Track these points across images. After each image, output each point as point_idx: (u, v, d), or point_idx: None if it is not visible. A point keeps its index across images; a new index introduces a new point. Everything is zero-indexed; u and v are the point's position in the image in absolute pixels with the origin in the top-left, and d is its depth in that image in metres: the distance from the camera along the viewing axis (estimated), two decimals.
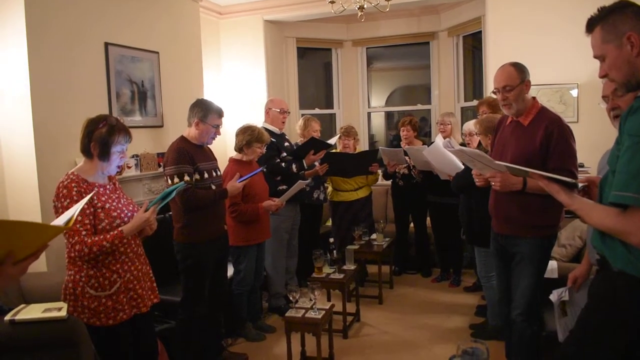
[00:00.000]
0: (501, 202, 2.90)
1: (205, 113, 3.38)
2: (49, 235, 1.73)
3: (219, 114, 3.46)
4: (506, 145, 2.91)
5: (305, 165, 4.58)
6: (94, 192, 2.41)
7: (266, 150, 4.34)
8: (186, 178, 3.26)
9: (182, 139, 3.44)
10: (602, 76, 1.77)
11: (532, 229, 2.81)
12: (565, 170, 2.58)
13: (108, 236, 2.37)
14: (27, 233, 1.57)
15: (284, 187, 4.42)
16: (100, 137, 2.44)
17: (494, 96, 3.00)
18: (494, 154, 2.99)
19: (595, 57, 1.77)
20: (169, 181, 3.29)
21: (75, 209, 2.00)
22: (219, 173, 3.60)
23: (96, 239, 2.35)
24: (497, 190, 2.81)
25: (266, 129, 4.57)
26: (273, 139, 4.54)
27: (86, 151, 2.48)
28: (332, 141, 4.92)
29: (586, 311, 1.92)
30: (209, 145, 3.58)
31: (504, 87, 2.81)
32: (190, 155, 3.34)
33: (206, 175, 3.42)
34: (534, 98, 2.90)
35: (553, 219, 2.83)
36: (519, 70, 2.84)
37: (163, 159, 3.56)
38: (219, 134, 3.51)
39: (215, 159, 3.64)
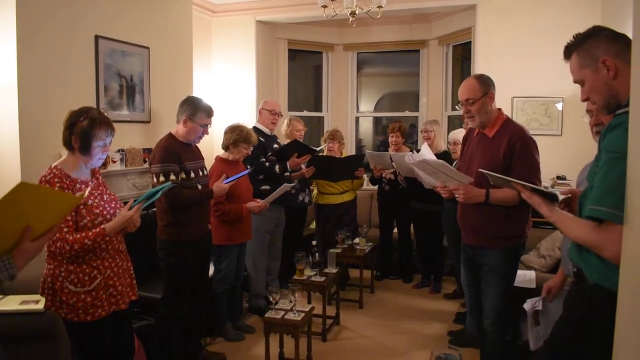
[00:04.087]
0: (467, 213, 2.93)
1: (194, 111, 3.36)
2: (68, 204, 1.74)
3: (208, 113, 3.43)
4: (472, 157, 2.93)
5: (288, 167, 4.58)
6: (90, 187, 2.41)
7: (253, 149, 4.35)
8: (172, 177, 3.25)
9: (170, 136, 3.43)
10: (583, 100, 1.82)
11: (497, 240, 2.83)
12: (528, 181, 2.60)
13: (90, 234, 2.33)
14: (47, 201, 1.57)
15: (267, 187, 4.43)
16: (81, 130, 2.39)
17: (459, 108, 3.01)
18: (461, 165, 3.02)
19: (575, 82, 1.82)
20: (155, 179, 3.27)
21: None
22: (205, 172, 3.59)
23: (78, 236, 2.31)
24: (461, 201, 2.82)
25: (258, 129, 4.64)
26: (262, 139, 4.55)
27: (68, 144, 2.44)
28: (319, 148, 4.95)
29: (561, 322, 1.95)
30: (196, 144, 3.57)
31: (467, 100, 2.83)
32: (177, 153, 3.32)
33: (192, 175, 3.40)
34: (499, 109, 2.91)
35: (518, 230, 2.85)
36: (482, 82, 2.85)
37: (150, 156, 3.54)
38: (207, 133, 3.49)
39: (202, 158, 3.62)
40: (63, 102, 3.75)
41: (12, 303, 2.96)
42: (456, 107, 3.00)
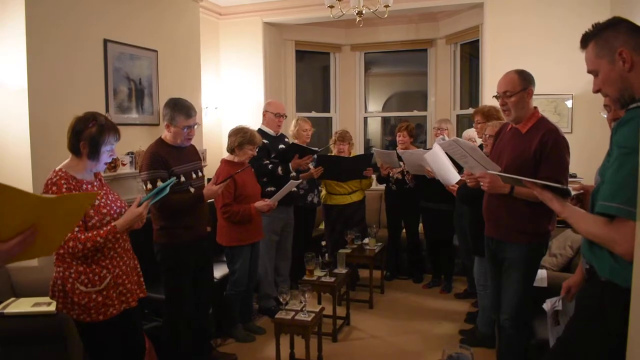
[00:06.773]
0: (492, 205, 2.92)
1: (172, 115, 3.27)
2: (83, 204, 1.66)
3: (187, 114, 3.30)
4: (503, 151, 2.91)
5: (291, 168, 4.58)
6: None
7: (257, 151, 4.35)
8: (159, 183, 3.13)
9: (159, 141, 3.37)
10: (595, 91, 1.78)
11: (519, 235, 2.81)
12: (554, 180, 2.58)
13: (101, 232, 2.37)
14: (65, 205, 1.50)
15: (272, 189, 4.41)
16: (90, 136, 2.42)
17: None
18: (491, 158, 2.98)
19: (589, 71, 1.79)
20: (144, 186, 3.24)
21: None
22: (200, 174, 3.51)
23: (89, 234, 2.35)
24: (486, 190, 2.81)
25: (262, 131, 4.63)
26: (266, 141, 4.55)
27: (75, 150, 2.46)
28: (320, 149, 4.94)
29: (574, 319, 1.94)
30: (193, 145, 3.53)
31: (505, 93, 2.81)
32: (164, 159, 3.25)
33: (183, 179, 3.32)
34: (535, 107, 2.88)
35: (542, 227, 2.82)
36: (522, 77, 2.83)
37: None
38: (193, 134, 3.39)
39: (199, 159, 3.56)
40: (73, 106, 3.75)
41: (24, 305, 2.99)
42: (493, 97, 2.98)
